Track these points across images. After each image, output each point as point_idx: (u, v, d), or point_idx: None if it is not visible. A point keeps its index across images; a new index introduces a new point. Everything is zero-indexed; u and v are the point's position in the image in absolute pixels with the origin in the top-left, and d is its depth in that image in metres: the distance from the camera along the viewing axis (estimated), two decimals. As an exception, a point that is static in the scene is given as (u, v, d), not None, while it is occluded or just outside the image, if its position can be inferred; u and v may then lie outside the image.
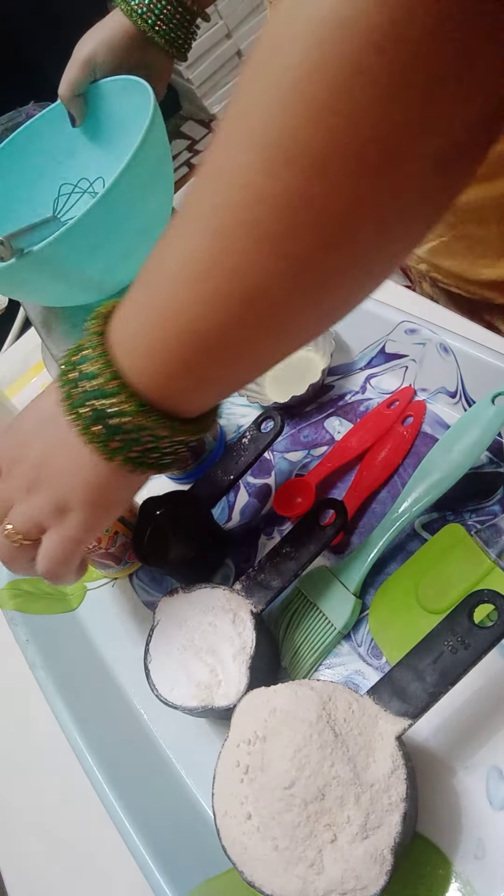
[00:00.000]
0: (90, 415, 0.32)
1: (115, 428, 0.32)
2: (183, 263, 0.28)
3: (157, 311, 0.30)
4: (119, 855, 0.42)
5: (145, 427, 0.32)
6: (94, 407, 0.32)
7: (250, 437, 0.54)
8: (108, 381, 0.31)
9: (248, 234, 0.25)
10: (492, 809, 0.38)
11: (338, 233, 0.25)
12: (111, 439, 0.33)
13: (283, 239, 0.25)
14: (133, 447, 0.33)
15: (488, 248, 0.59)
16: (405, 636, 0.42)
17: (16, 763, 0.57)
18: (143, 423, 0.32)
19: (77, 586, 0.60)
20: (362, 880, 0.33)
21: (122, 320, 0.32)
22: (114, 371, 0.31)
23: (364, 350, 0.58)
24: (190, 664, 0.44)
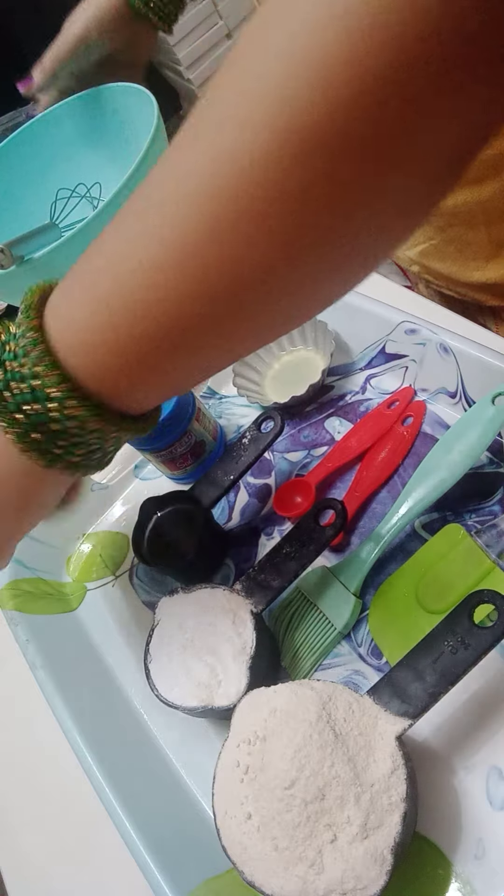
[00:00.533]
0: (27, 421, 0.29)
1: (59, 433, 0.29)
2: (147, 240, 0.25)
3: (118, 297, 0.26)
4: (119, 855, 0.42)
5: (94, 430, 0.29)
6: (34, 412, 0.28)
7: (250, 437, 0.54)
8: (55, 386, 0.28)
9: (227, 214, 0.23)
10: (492, 809, 0.38)
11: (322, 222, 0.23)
12: (53, 445, 0.29)
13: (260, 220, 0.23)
14: (76, 451, 0.30)
15: (478, 251, 0.59)
16: (405, 636, 0.42)
17: (16, 763, 0.57)
18: (92, 426, 0.29)
19: (77, 586, 0.60)
20: (362, 880, 0.33)
21: (67, 310, 0.28)
22: (61, 374, 0.28)
23: (364, 350, 0.58)
24: (190, 664, 0.44)
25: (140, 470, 0.64)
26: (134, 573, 0.59)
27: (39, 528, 0.59)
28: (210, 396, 0.65)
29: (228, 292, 0.25)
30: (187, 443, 0.55)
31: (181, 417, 0.54)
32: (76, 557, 0.62)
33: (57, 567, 0.61)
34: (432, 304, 0.61)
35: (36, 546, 0.60)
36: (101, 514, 0.63)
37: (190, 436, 0.55)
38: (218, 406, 0.64)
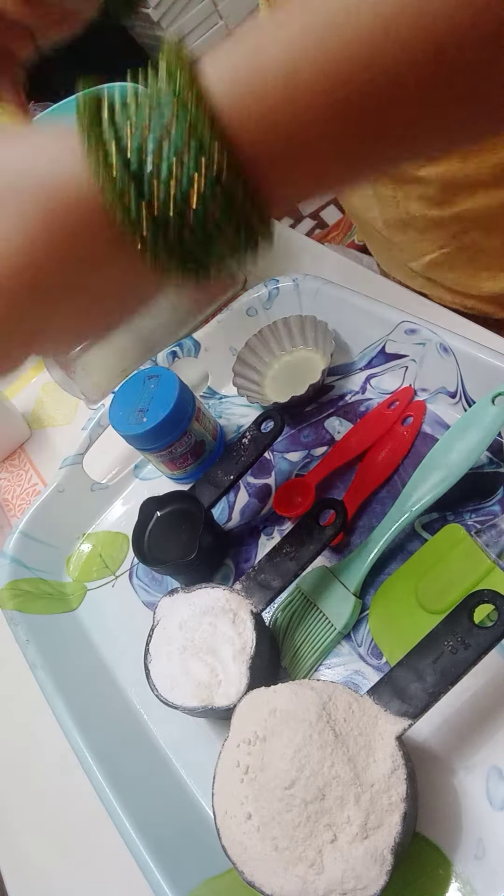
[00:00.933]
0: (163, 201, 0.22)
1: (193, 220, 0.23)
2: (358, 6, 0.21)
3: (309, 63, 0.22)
4: (119, 855, 0.42)
5: (231, 221, 0.23)
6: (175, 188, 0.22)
7: (250, 437, 0.54)
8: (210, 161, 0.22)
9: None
10: (492, 809, 0.38)
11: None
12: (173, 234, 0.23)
13: None
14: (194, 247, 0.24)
15: (492, 259, 0.57)
16: (405, 636, 0.42)
17: (16, 763, 0.57)
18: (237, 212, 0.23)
19: (77, 586, 0.60)
20: (362, 880, 0.33)
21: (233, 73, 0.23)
22: (199, 91, 0.22)
23: (364, 350, 0.58)
24: (190, 664, 0.44)
25: (140, 470, 0.64)
26: (134, 573, 0.59)
27: (39, 528, 0.60)
28: (210, 396, 0.65)
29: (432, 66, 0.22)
30: (187, 443, 0.55)
31: (181, 417, 0.54)
32: (76, 557, 0.62)
33: (57, 567, 0.61)
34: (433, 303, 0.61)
35: (36, 546, 0.60)
36: (101, 514, 0.63)
37: (190, 436, 0.55)
38: (218, 406, 0.65)
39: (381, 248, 0.66)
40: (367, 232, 0.67)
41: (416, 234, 0.58)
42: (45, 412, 0.80)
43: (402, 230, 0.59)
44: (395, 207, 0.56)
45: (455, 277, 0.60)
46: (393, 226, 0.59)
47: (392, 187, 0.55)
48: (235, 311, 0.63)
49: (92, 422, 0.61)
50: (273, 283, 0.62)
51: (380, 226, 0.61)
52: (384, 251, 0.65)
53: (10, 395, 0.83)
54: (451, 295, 0.62)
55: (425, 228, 0.57)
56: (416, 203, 0.55)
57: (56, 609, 0.58)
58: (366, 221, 0.63)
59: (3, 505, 0.74)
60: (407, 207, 0.55)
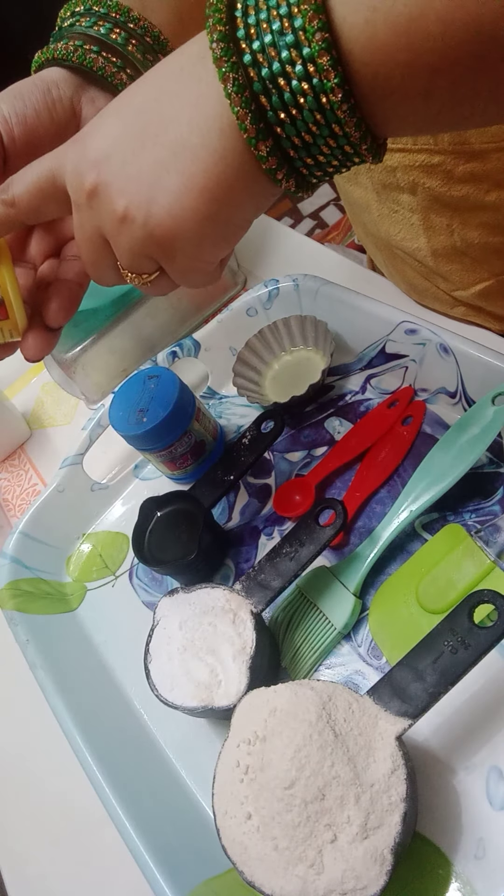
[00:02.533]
0: (264, 70, 0.26)
1: (288, 99, 0.26)
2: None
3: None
4: (119, 855, 0.42)
5: (330, 113, 0.26)
6: (269, 57, 0.26)
7: (250, 437, 0.54)
8: (333, 86, 0.25)
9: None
10: (492, 809, 0.38)
11: None
12: (290, 145, 0.27)
13: None
14: (293, 137, 0.27)
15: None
16: (405, 636, 0.42)
17: (16, 763, 0.57)
18: (333, 107, 0.26)
19: (77, 586, 0.60)
20: (362, 880, 0.33)
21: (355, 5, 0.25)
22: (342, 74, 0.25)
23: (364, 350, 0.58)
24: (190, 664, 0.44)
25: (140, 470, 0.64)
26: (134, 573, 0.59)
27: (39, 528, 0.60)
28: (210, 396, 0.65)
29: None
30: (187, 443, 0.55)
31: (181, 417, 0.54)
32: (76, 557, 0.62)
33: (57, 567, 0.61)
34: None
35: (36, 546, 0.60)
36: (101, 514, 0.63)
37: (190, 436, 0.55)
38: (218, 406, 0.65)
39: (415, 278, 0.60)
40: (397, 264, 0.62)
41: (469, 263, 0.54)
42: (45, 412, 0.80)
43: (453, 259, 0.55)
44: (450, 236, 0.52)
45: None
46: (443, 255, 0.55)
47: (448, 215, 0.51)
48: (235, 311, 0.63)
49: (92, 422, 0.61)
50: (273, 283, 0.62)
51: (424, 255, 0.56)
52: (420, 281, 0.60)
53: (10, 395, 0.83)
54: (498, 322, 0.58)
55: (482, 256, 0.53)
56: (475, 231, 0.51)
57: (56, 609, 0.58)
58: (406, 253, 0.58)
59: (3, 505, 0.74)
60: (464, 235, 0.52)
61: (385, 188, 0.53)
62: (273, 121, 0.27)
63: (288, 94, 0.26)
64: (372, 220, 0.58)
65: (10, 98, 0.40)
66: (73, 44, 0.41)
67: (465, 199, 0.48)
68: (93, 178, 0.32)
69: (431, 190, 0.49)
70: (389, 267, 0.64)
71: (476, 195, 0.48)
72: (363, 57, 0.25)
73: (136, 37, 0.42)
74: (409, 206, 0.52)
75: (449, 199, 0.49)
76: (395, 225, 0.55)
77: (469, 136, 0.45)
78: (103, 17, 0.42)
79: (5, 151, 0.40)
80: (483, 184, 0.47)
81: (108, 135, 0.32)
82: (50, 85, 0.41)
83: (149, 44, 0.42)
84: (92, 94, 0.42)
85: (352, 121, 0.27)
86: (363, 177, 0.54)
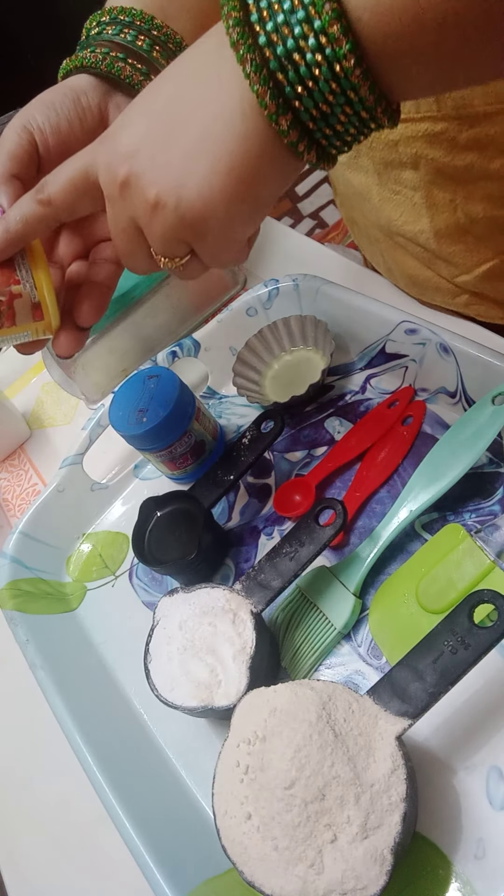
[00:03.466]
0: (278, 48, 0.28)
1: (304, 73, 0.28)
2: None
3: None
4: (119, 855, 0.42)
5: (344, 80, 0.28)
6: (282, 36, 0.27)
7: (250, 437, 0.54)
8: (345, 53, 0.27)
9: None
10: (492, 809, 0.38)
11: None
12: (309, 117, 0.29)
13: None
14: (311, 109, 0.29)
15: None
16: (405, 636, 0.42)
17: (16, 763, 0.57)
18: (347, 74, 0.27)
19: (77, 586, 0.60)
20: (362, 880, 0.33)
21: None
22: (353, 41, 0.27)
23: (364, 350, 0.58)
24: (190, 664, 0.44)
25: (140, 470, 0.64)
26: (134, 573, 0.59)
27: (39, 528, 0.60)
28: (210, 396, 0.65)
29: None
30: (187, 443, 0.55)
31: (181, 417, 0.54)
32: (76, 557, 0.62)
33: (57, 567, 0.61)
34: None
35: (36, 546, 0.60)
36: (101, 514, 0.63)
37: (190, 436, 0.55)
38: (218, 406, 0.65)
39: (416, 268, 0.60)
40: (397, 255, 0.61)
41: (473, 242, 0.54)
42: (45, 412, 0.80)
43: (457, 239, 0.54)
44: (453, 213, 0.52)
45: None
46: (446, 236, 0.54)
47: (452, 189, 0.51)
48: (235, 311, 0.63)
49: (92, 422, 0.61)
50: (273, 283, 0.62)
51: (427, 238, 0.55)
52: (421, 270, 0.60)
53: (10, 395, 0.83)
54: (501, 309, 0.58)
55: (486, 233, 0.53)
56: (479, 204, 0.50)
57: (56, 609, 0.58)
58: (408, 239, 0.57)
59: (3, 505, 0.74)
60: (468, 210, 0.51)
61: (387, 167, 0.52)
62: (291, 95, 0.29)
63: (303, 67, 0.28)
64: (372, 208, 0.58)
65: (44, 108, 0.42)
66: (100, 51, 0.43)
67: (468, 170, 0.48)
68: (125, 171, 0.33)
69: (435, 161, 0.49)
70: (388, 261, 0.63)
71: (480, 164, 0.47)
72: (371, 21, 0.27)
73: (160, 43, 0.44)
74: (411, 185, 0.52)
75: (452, 170, 0.49)
76: (397, 208, 0.55)
77: (473, 99, 0.44)
78: (128, 25, 0.44)
79: (40, 160, 0.42)
80: (487, 150, 0.47)
81: (136, 131, 0.34)
82: (79, 94, 0.43)
83: (171, 50, 0.45)
84: (118, 100, 0.44)
85: (365, 84, 0.28)
86: (364, 158, 0.54)
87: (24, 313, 0.40)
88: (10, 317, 0.40)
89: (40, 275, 0.40)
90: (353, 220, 0.67)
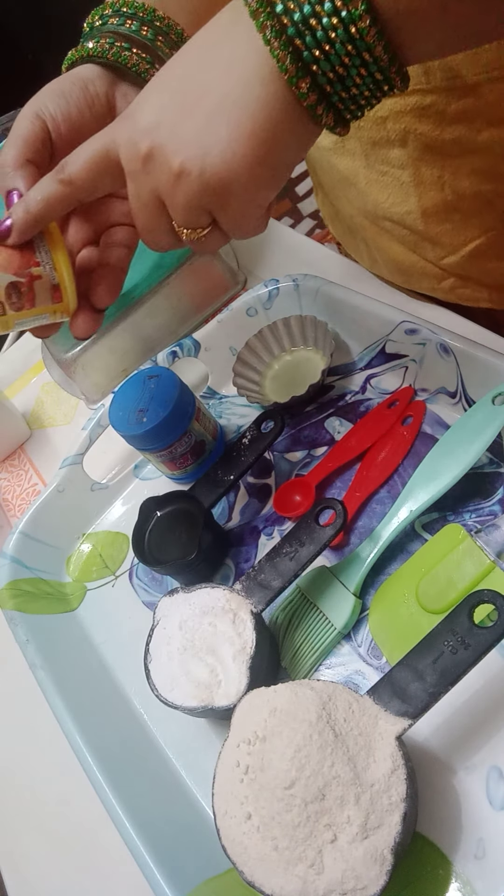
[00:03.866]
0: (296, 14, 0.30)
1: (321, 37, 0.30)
2: None
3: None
4: (119, 855, 0.42)
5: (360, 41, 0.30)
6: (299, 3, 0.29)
7: (250, 437, 0.54)
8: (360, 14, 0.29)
9: None
10: (492, 809, 0.38)
11: None
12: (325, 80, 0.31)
13: None
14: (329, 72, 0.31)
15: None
16: (405, 636, 0.42)
17: (16, 763, 0.57)
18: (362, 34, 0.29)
19: (77, 586, 0.60)
20: (362, 880, 0.33)
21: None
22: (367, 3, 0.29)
23: (364, 350, 0.58)
24: (190, 664, 0.44)
25: (140, 470, 0.64)
26: (134, 573, 0.59)
27: (39, 528, 0.60)
28: (210, 396, 0.65)
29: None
30: (187, 443, 0.55)
31: (181, 417, 0.54)
32: (76, 557, 0.62)
33: (57, 567, 0.61)
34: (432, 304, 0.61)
35: (36, 546, 0.60)
36: (101, 514, 0.63)
37: (190, 436, 0.55)
38: (218, 406, 0.65)
39: (401, 253, 0.60)
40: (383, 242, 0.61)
41: (460, 221, 0.54)
42: (45, 412, 0.80)
43: (444, 218, 0.54)
44: (441, 190, 0.52)
45: (497, 267, 0.57)
46: (433, 215, 0.54)
47: (440, 166, 0.51)
48: (235, 311, 0.63)
49: (92, 422, 0.61)
50: (273, 283, 0.62)
51: (415, 219, 0.56)
52: (406, 255, 0.60)
53: (10, 395, 0.83)
54: (487, 291, 0.59)
55: (473, 210, 0.53)
56: (467, 179, 0.51)
57: (56, 609, 0.58)
58: (395, 222, 0.58)
59: (3, 505, 0.74)
60: (455, 187, 0.52)
61: (375, 146, 0.53)
62: (309, 59, 0.31)
63: (320, 31, 0.30)
64: (358, 193, 0.58)
65: (55, 97, 0.43)
66: (105, 42, 0.44)
67: (456, 143, 0.49)
68: (147, 144, 0.34)
69: (423, 136, 0.49)
70: (373, 249, 0.64)
71: (468, 136, 0.48)
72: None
73: (162, 34, 0.46)
74: (399, 163, 0.52)
75: (440, 145, 0.49)
76: (384, 190, 0.56)
77: (461, 69, 0.45)
78: (131, 17, 0.45)
79: (53, 147, 0.43)
80: (475, 122, 0.47)
81: (155, 105, 0.35)
82: (87, 82, 0.44)
83: (173, 40, 0.46)
84: (124, 89, 0.45)
85: (380, 44, 0.30)
86: (352, 141, 0.54)
87: (43, 295, 0.41)
88: (31, 299, 0.41)
89: (59, 257, 0.40)
90: (336, 212, 0.68)
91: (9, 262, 0.39)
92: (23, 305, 0.40)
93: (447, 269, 0.58)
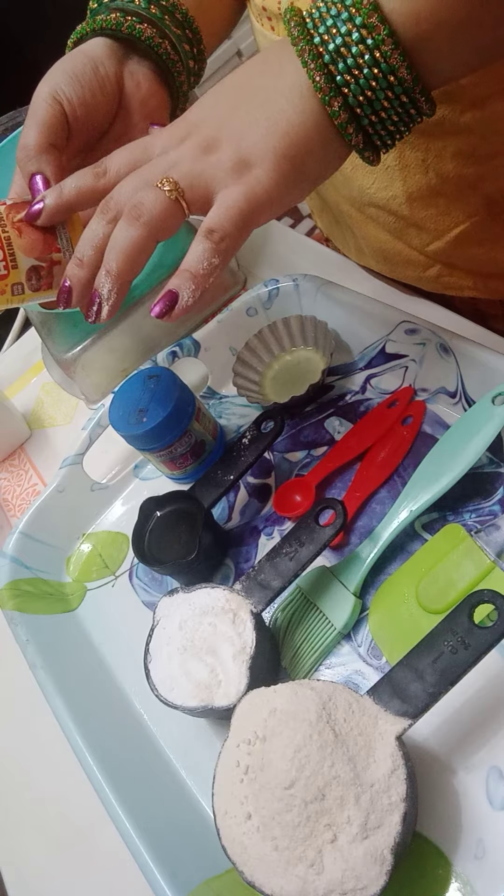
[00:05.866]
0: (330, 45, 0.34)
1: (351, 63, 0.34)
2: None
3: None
4: (119, 855, 0.42)
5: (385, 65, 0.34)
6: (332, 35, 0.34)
7: (250, 437, 0.54)
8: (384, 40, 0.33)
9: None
10: (492, 809, 0.38)
11: None
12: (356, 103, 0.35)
13: None
14: (358, 96, 0.35)
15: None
16: (405, 636, 0.42)
17: (16, 763, 0.57)
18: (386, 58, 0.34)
19: (77, 586, 0.60)
20: (362, 880, 0.33)
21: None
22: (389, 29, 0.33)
23: (364, 350, 0.58)
24: (190, 664, 0.44)
25: (140, 470, 0.64)
26: (134, 573, 0.59)
27: (39, 528, 0.60)
28: (210, 396, 0.65)
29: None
30: (187, 443, 0.55)
31: (181, 417, 0.54)
32: (76, 557, 0.62)
33: (57, 567, 0.61)
34: (432, 303, 0.62)
35: (36, 546, 0.60)
36: (101, 514, 0.63)
37: (190, 436, 0.55)
38: (218, 406, 0.65)
39: (387, 241, 0.61)
40: (368, 229, 0.62)
41: (445, 205, 0.54)
42: (45, 412, 0.80)
43: (428, 202, 0.55)
44: (425, 174, 0.53)
45: (483, 252, 0.57)
46: (418, 199, 0.55)
47: (423, 148, 0.51)
48: (235, 311, 0.63)
49: (92, 422, 0.61)
50: (273, 283, 0.62)
51: (400, 204, 0.56)
52: (392, 243, 0.60)
53: (10, 395, 0.83)
54: (471, 279, 0.59)
55: (457, 193, 0.53)
56: (451, 162, 0.51)
57: (56, 609, 0.58)
58: (380, 207, 0.58)
59: (3, 505, 0.74)
60: (439, 170, 0.52)
61: None
62: (341, 83, 0.35)
63: (350, 58, 0.35)
64: (344, 180, 0.59)
65: (70, 80, 0.45)
66: (117, 16, 0.47)
67: (439, 125, 0.49)
68: (189, 130, 0.39)
69: None
70: (358, 238, 0.64)
71: (451, 117, 0.48)
72: (402, 8, 0.33)
73: (168, 12, 0.49)
74: None
75: (424, 126, 0.48)
76: (370, 175, 0.56)
77: None
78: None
79: (70, 128, 0.46)
80: (459, 103, 0.47)
81: (204, 106, 0.40)
82: (97, 63, 0.46)
83: (178, 19, 0.49)
84: (131, 67, 0.48)
85: (403, 66, 0.34)
86: None
87: (60, 278, 0.43)
88: (49, 281, 0.44)
89: None
90: (323, 204, 0.68)
91: (33, 247, 0.42)
92: (40, 287, 0.44)
93: (432, 255, 0.59)
